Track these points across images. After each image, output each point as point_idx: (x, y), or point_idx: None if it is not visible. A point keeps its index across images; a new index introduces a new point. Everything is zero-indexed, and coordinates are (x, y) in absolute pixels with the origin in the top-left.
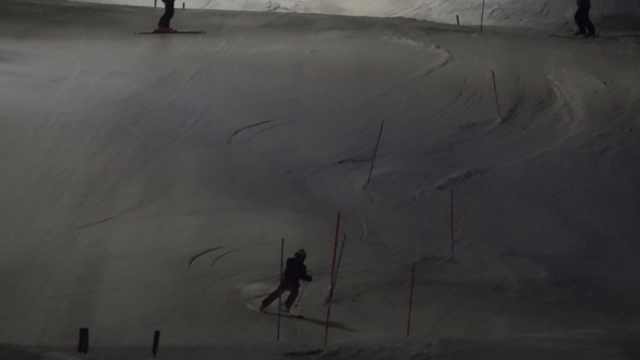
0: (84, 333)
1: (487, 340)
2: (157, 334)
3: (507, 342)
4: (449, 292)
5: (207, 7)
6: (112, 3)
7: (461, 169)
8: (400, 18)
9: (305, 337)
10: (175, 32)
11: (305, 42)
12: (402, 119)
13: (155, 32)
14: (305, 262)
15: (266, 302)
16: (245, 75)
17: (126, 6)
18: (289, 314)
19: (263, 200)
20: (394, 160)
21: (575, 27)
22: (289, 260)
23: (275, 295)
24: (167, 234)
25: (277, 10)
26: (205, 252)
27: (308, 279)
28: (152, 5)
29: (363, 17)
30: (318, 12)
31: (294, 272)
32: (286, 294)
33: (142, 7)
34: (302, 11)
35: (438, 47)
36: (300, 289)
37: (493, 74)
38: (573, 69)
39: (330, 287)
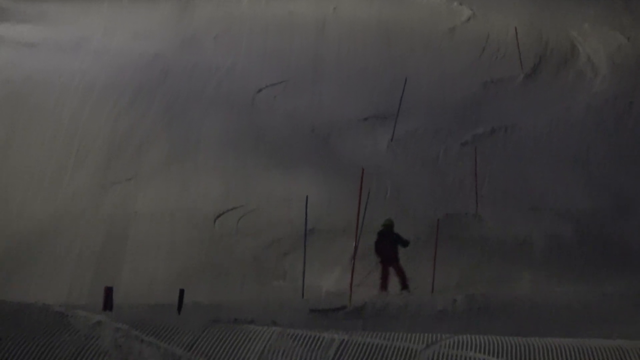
0: (108, 291)
1: (512, 295)
2: (181, 292)
3: (532, 298)
4: (473, 248)
5: None
6: None
7: (485, 126)
8: None
9: (330, 294)
10: None
11: (327, 0)
12: (426, 76)
13: None
14: (330, 220)
15: (384, 286)
16: (268, 34)
17: None
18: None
19: (287, 159)
20: (418, 118)
21: None
22: (380, 234)
23: (386, 275)
24: (192, 194)
25: None
26: (229, 210)
27: (406, 243)
28: None
29: None
30: None
31: (387, 244)
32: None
33: None
34: None
35: (460, 4)
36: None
37: (516, 30)
38: (596, 24)
39: (354, 244)
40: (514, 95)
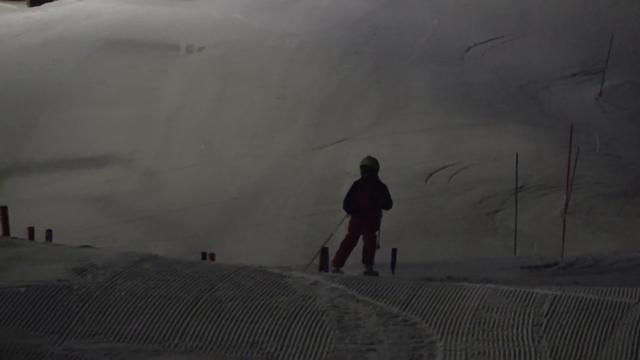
0: (324, 252)
1: None
2: (394, 251)
3: None
4: None
5: None
6: None
7: None
8: None
9: (541, 250)
10: None
11: None
12: (632, 29)
13: None
14: (540, 176)
15: (335, 261)
16: None
17: None
18: None
19: (495, 116)
20: (626, 71)
21: None
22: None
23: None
24: (402, 152)
25: None
26: (441, 169)
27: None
28: None
29: None
30: None
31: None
32: None
33: None
34: None
35: None
36: None
37: None
38: None
39: (565, 200)
40: None
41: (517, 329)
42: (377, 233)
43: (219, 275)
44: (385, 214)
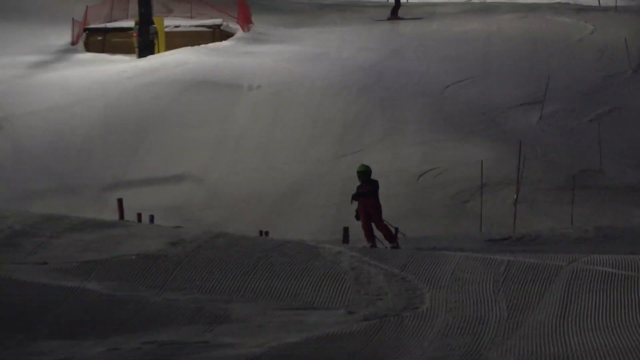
0: (346, 230)
1: (628, 226)
2: (396, 229)
3: None
4: (600, 193)
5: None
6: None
7: (605, 106)
8: (558, 2)
9: (500, 227)
10: (402, 19)
11: (492, 21)
12: (563, 72)
13: (388, 19)
14: (498, 176)
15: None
16: (451, 45)
17: (367, 2)
18: None
19: (467, 134)
20: (559, 101)
21: None
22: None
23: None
24: (401, 159)
25: (472, 0)
26: (428, 171)
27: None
28: (386, 0)
29: (532, 3)
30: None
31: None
32: None
33: (379, 2)
34: (490, 0)
35: (586, 22)
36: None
37: (625, 39)
38: None
39: (516, 193)
40: (625, 84)
41: (482, 284)
42: (385, 222)
43: (271, 246)
44: (387, 205)
